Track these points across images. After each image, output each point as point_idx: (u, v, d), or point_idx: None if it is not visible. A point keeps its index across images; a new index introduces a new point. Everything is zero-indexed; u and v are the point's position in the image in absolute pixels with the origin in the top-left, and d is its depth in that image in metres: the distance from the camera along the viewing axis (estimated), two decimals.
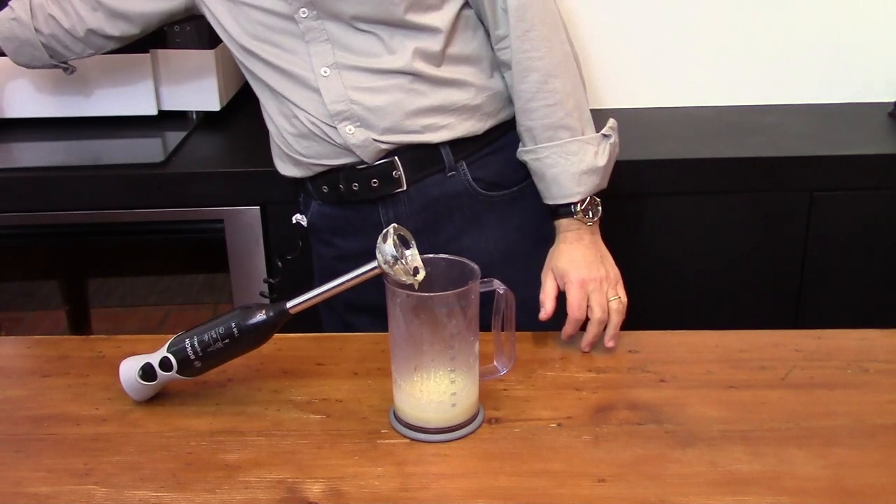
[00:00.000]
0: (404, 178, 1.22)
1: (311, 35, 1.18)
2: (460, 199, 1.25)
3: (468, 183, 1.24)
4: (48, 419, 0.97)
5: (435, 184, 1.24)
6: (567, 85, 1.19)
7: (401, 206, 1.24)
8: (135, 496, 0.85)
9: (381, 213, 1.25)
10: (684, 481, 0.87)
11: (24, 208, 1.58)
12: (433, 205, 1.24)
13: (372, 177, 1.22)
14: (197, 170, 1.58)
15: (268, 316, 0.93)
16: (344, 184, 1.24)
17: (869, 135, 1.79)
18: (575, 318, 1.10)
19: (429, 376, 0.92)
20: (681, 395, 1.01)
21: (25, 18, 1.42)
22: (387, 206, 1.24)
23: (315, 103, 1.19)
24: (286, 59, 1.20)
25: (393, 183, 1.22)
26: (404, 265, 0.88)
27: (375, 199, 1.24)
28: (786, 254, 1.70)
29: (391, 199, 1.24)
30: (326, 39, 1.18)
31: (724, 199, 1.67)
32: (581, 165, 1.17)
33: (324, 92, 1.18)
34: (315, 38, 1.18)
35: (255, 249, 1.62)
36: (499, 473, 0.88)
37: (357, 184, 1.23)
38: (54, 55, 1.47)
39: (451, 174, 1.24)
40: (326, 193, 1.27)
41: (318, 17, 1.16)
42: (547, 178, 1.19)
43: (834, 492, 0.86)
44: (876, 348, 1.10)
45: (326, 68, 1.18)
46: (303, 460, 0.90)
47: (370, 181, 1.22)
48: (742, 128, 1.82)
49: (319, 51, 1.18)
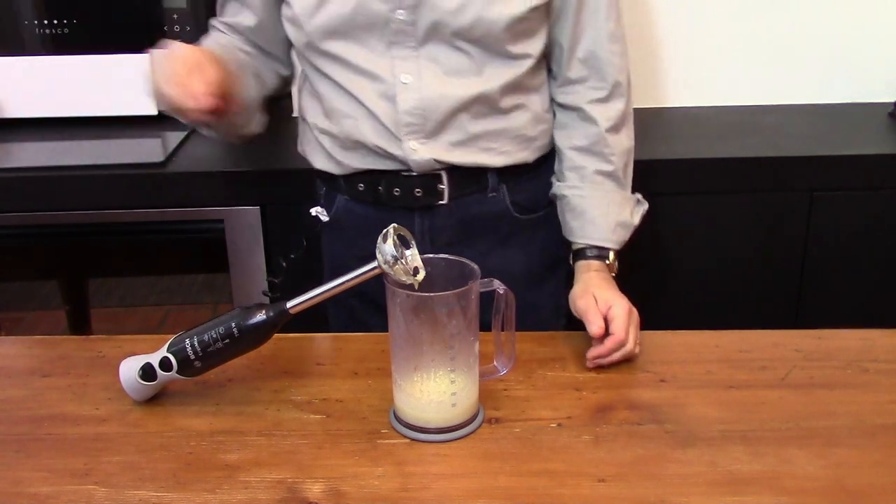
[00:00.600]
0: (447, 192, 1.22)
1: (400, 38, 1.15)
2: (495, 220, 1.26)
3: (506, 205, 1.26)
4: (48, 419, 0.97)
5: (475, 202, 1.24)
6: (625, 142, 1.25)
7: (438, 218, 1.24)
8: (135, 496, 0.85)
9: (417, 220, 1.24)
10: (684, 481, 0.87)
11: (24, 208, 1.58)
12: (470, 221, 1.25)
13: (417, 186, 1.21)
14: (197, 170, 1.58)
15: (268, 316, 0.93)
16: (385, 187, 1.22)
17: (869, 135, 1.79)
18: (619, 342, 1.06)
19: (429, 376, 0.92)
20: (681, 395, 1.01)
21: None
22: (424, 215, 1.24)
23: (387, 110, 1.17)
24: (365, 58, 1.16)
25: (436, 195, 1.22)
26: (404, 265, 0.88)
27: (414, 207, 1.23)
28: (786, 254, 1.70)
29: (430, 210, 1.23)
30: (414, 46, 1.15)
31: (724, 199, 1.67)
32: (620, 217, 1.22)
33: (400, 100, 1.16)
34: (402, 43, 1.15)
35: (255, 249, 1.62)
36: (499, 473, 0.88)
37: (399, 189, 1.22)
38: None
39: (492, 195, 1.25)
40: (362, 192, 1.25)
41: (415, 22, 1.13)
42: (585, 217, 1.21)
43: (834, 492, 0.86)
44: (876, 348, 1.10)
45: (408, 75, 1.16)
46: (303, 460, 0.90)
47: (414, 189, 1.22)
48: (742, 128, 1.82)
49: (404, 56, 1.15)
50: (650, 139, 1.73)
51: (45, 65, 1.70)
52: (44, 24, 1.68)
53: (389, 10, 1.13)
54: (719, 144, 1.73)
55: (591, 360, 1.06)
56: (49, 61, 1.70)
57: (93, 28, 1.68)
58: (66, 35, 1.68)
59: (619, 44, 1.24)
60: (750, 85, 1.94)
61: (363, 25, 1.14)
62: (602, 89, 1.23)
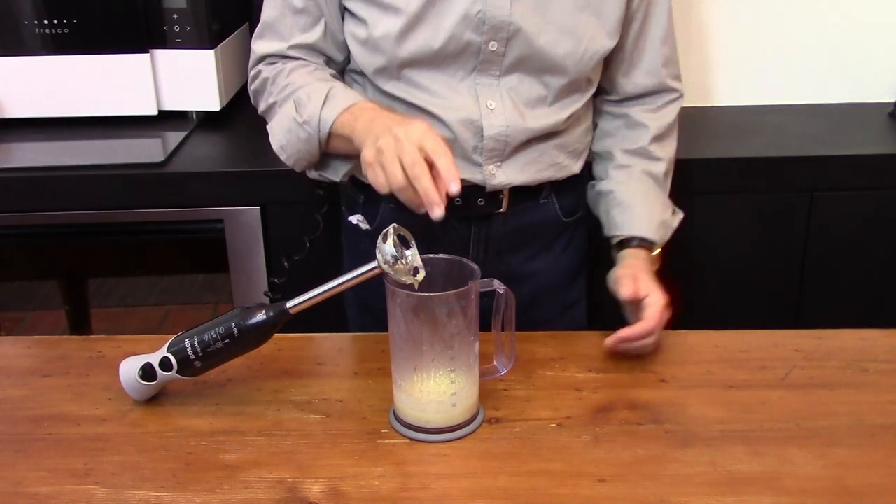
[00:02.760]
0: (506, 201, 1.22)
1: (486, 67, 1.14)
2: (544, 225, 1.28)
3: (555, 210, 1.27)
4: (48, 419, 0.97)
5: (528, 209, 1.25)
6: (670, 150, 1.29)
7: (494, 226, 1.24)
8: (135, 496, 0.85)
9: (473, 229, 1.24)
10: (684, 481, 0.87)
11: (24, 208, 1.58)
12: (523, 229, 1.26)
13: (480, 197, 1.21)
14: (197, 170, 1.58)
15: (268, 316, 0.93)
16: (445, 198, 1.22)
17: (869, 135, 1.79)
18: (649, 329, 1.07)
19: (429, 376, 0.92)
20: (681, 395, 1.01)
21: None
22: (481, 224, 1.24)
23: (470, 135, 1.16)
24: (446, 83, 1.15)
25: (496, 204, 1.22)
26: (404, 265, 0.88)
27: (472, 217, 1.23)
28: (786, 254, 1.70)
29: (487, 218, 1.23)
30: (497, 76, 1.15)
31: (724, 199, 1.67)
32: (663, 216, 1.24)
33: (486, 126, 1.15)
34: (487, 71, 1.14)
35: (255, 249, 1.62)
36: (499, 473, 0.88)
37: (460, 199, 1.19)
38: None
39: (543, 202, 1.26)
40: None
41: (505, 53, 1.13)
42: (633, 212, 1.22)
43: (834, 492, 0.86)
44: (876, 348, 1.10)
45: (493, 101, 1.15)
46: (303, 460, 0.90)
47: (477, 199, 1.21)
48: (742, 128, 1.82)
49: (487, 83, 1.15)
50: None
51: (45, 65, 1.70)
52: (44, 24, 1.68)
53: (483, 41, 1.12)
54: (719, 144, 1.73)
55: (614, 341, 1.07)
56: (49, 61, 1.70)
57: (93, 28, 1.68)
58: (66, 35, 1.68)
59: (675, 58, 1.28)
60: (750, 85, 1.94)
61: (451, 54, 1.13)
62: (657, 102, 1.27)
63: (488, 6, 1.09)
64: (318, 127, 1.11)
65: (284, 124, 1.14)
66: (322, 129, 1.10)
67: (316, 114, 1.10)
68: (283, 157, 1.16)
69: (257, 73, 1.21)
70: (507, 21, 1.11)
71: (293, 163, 1.17)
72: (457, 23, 1.10)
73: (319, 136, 1.11)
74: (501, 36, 1.12)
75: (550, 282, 1.31)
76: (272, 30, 1.18)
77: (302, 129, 1.12)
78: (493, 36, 1.11)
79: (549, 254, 1.30)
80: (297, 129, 1.12)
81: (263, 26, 1.19)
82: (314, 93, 1.12)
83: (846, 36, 1.91)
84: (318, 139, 1.11)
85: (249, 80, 1.23)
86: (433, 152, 0.95)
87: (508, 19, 1.10)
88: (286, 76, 1.17)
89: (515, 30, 1.11)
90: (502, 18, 1.10)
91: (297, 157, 1.15)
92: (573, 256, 1.34)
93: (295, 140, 1.13)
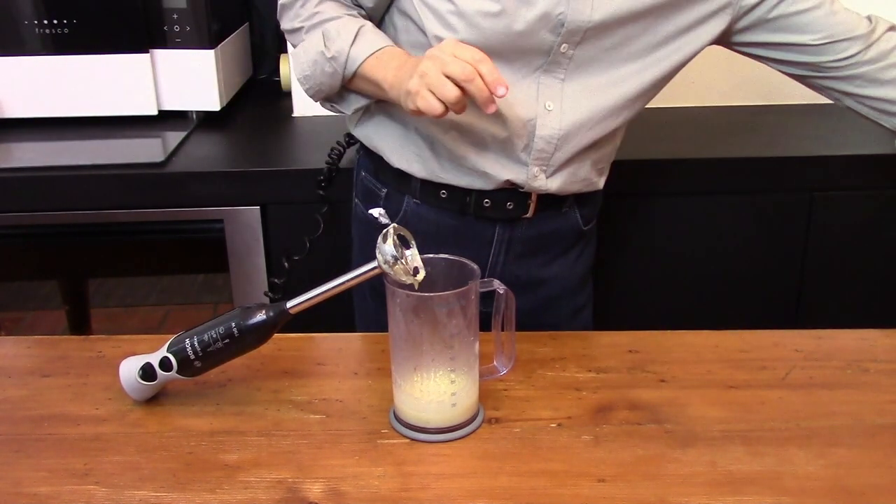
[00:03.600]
0: (533, 206, 1.23)
1: (552, 68, 1.13)
2: (564, 232, 1.28)
3: (577, 219, 1.28)
4: (48, 419, 0.97)
5: (553, 216, 1.25)
6: None
7: (517, 230, 1.24)
8: (135, 496, 0.85)
9: (498, 231, 1.24)
10: (684, 481, 0.87)
11: (24, 208, 1.58)
12: (546, 234, 1.26)
13: (509, 200, 1.21)
14: (197, 170, 1.58)
15: (268, 316, 0.93)
16: (475, 197, 1.21)
17: (869, 135, 1.79)
18: None
19: (429, 376, 0.92)
20: (681, 395, 1.01)
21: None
22: (505, 226, 1.24)
23: (523, 133, 1.15)
24: (509, 79, 1.10)
25: (524, 208, 1.22)
26: (404, 265, 0.88)
27: (497, 219, 1.23)
28: (786, 254, 1.70)
29: (512, 222, 1.24)
30: (563, 78, 1.14)
31: (724, 199, 1.67)
32: None
33: (539, 127, 1.15)
34: (552, 72, 1.14)
35: (255, 249, 1.62)
36: (499, 473, 0.88)
37: (490, 200, 1.21)
38: None
39: (566, 210, 1.27)
40: (443, 199, 1.22)
41: (573, 56, 1.12)
42: None
43: (834, 492, 0.86)
44: (876, 348, 1.10)
45: (552, 103, 1.15)
46: (303, 460, 0.90)
47: (506, 203, 1.21)
48: (742, 128, 1.82)
49: (549, 83, 1.14)
50: (650, 139, 1.73)
51: (45, 65, 1.70)
52: (44, 24, 1.68)
53: (556, 42, 1.11)
54: (719, 144, 1.73)
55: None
56: (49, 61, 1.70)
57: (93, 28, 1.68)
58: (66, 35, 1.68)
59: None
60: (750, 85, 1.94)
61: (523, 49, 1.12)
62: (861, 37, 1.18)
63: (570, 10, 1.09)
64: (344, 64, 1.12)
65: (311, 55, 1.15)
66: (349, 67, 1.12)
67: (344, 51, 1.11)
68: (305, 87, 1.18)
69: None
70: (586, 26, 1.10)
71: (313, 93, 1.18)
72: (538, 18, 1.09)
73: (344, 73, 1.12)
74: (575, 40, 1.11)
75: (564, 287, 1.32)
76: None
77: (329, 63, 1.13)
78: (568, 39, 1.11)
79: (564, 260, 1.30)
80: (324, 63, 1.13)
81: None
82: (343, 28, 1.12)
83: None
84: (343, 75, 1.13)
85: None
86: (473, 60, 0.98)
87: (587, 25, 1.10)
88: (317, 3, 1.17)
89: (590, 34, 1.11)
90: (581, 23, 1.10)
91: (318, 89, 1.17)
92: (586, 263, 1.35)
93: (319, 73, 1.14)
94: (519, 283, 1.04)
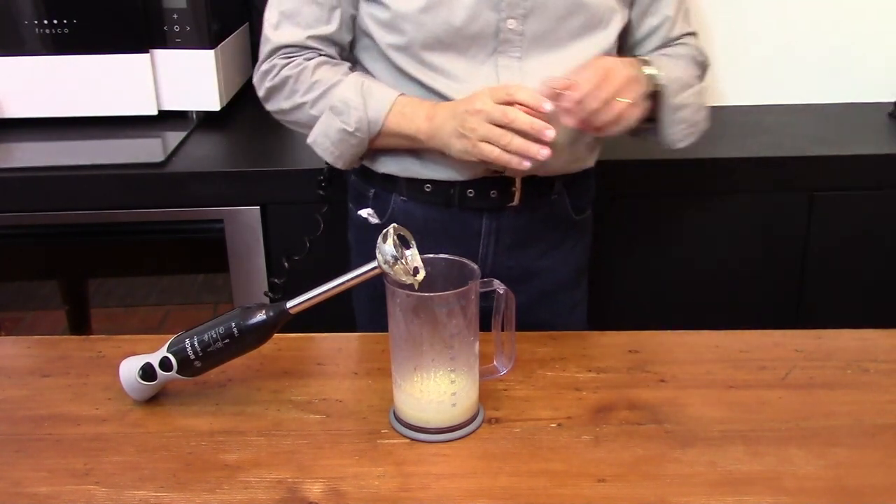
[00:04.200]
0: (518, 194, 1.22)
1: (506, 48, 1.14)
2: (556, 221, 1.27)
3: (566, 207, 1.27)
4: (48, 419, 0.97)
5: (541, 204, 1.25)
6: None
7: (504, 219, 1.24)
8: (135, 496, 0.85)
9: (485, 222, 1.24)
10: (684, 481, 0.87)
11: (24, 208, 1.58)
12: (535, 223, 1.26)
13: (492, 188, 1.21)
14: (197, 170, 1.58)
15: (268, 316, 0.93)
16: (459, 188, 1.21)
17: (869, 135, 1.79)
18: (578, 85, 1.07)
19: (429, 376, 0.92)
20: (681, 395, 1.01)
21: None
22: (492, 216, 1.23)
23: None
24: (465, 68, 1.15)
25: (509, 196, 1.22)
26: (404, 265, 0.88)
27: (484, 209, 1.23)
28: (786, 254, 1.70)
29: (499, 211, 1.23)
30: (519, 56, 1.14)
31: (724, 199, 1.67)
32: (683, 76, 1.21)
33: None
34: (507, 52, 1.14)
35: (255, 249, 1.62)
36: (499, 473, 0.88)
37: (474, 191, 1.21)
38: None
39: (555, 197, 1.26)
40: (428, 193, 1.22)
41: (523, 32, 1.13)
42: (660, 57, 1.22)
43: (834, 492, 0.86)
44: (876, 348, 1.10)
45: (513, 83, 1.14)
46: (303, 460, 0.90)
47: (489, 191, 1.21)
48: (742, 128, 1.82)
49: (507, 65, 1.15)
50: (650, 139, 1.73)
51: (45, 65, 1.70)
52: (44, 24, 1.68)
53: (500, 19, 1.12)
54: (719, 144, 1.73)
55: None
56: (49, 61, 1.70)
57: (93, 28, 1.68)
58: (66, 35, 1.68)
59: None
60: (750, 85, 1.94)
61: (471, 35, 1.13)
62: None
63: None
64: (367, 129, 1.15)
65: (333, 136, 1.17)
66: (372, 129, 1.15)
67: (364, 119, 1.14)
68: (339, 164, 1.21)
69: (272, 66, 1.20)
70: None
71: (347, 166, 1.22)
72: (475, 1, 1.11)
73: (370, 136, 1.16)
74: (518, 12, 1.12)
75: (558, 280, 1.31)
76: (291, 20, 1.19)
77: (353, 136, 1.16)
78: (511, 12, 1.12)
79: (558, 252, 1.30)
80: (349, 138, 1.16)
81: (281, 16, 1.19)
82: (350, 95, 1.15)
83: (846, 36, 1.91)
84: (369, 139, 1.17)
85: (261, 74, 1.22)
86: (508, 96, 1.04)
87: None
88: (311, 74, 1.17)
89: (531, 6, 1.12)
90: None
91: (351, 160, 1.21)
92: (580, 257, 1.34)
93: (347, 148, 1.18)
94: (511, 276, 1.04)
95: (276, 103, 1.22)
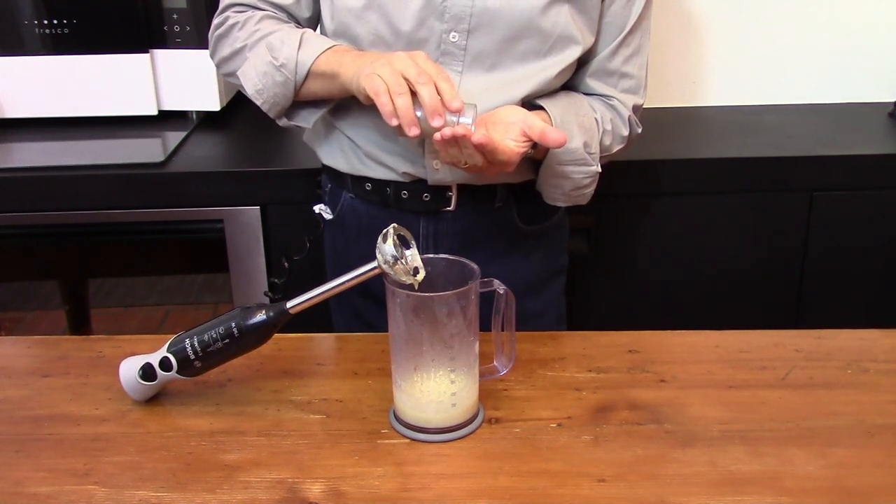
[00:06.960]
0: (455, 200, 1.22)
1: (447, 60, 1.13)
2: (499, 229, 1.26)
3: (513, 216, 1.26)
4: (48, 419, 0.97)
5: (481, 211, 1.24)
6: (624, 131, 1.23)
7: (443, 224, 1.23)
8: (135, 496, 0.85)
9: (422, 224, 1.23)
10: (684, 481, 0.87)
11: (24, 208, 1.58)
12: (474, 229, 1.24)
13: (425, 191, 1.21)
14: (197, 170, 1.58)
15: (268, 316, 0.93)
16: (394, 189, 1.21)
17: (869, 135, 1.79)
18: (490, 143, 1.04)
19: (429, 376, 0.92)
20: (681, 395, 1.01)
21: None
22: (429, 220, 1.23)
23: None
24: None
25: (444, 201, 1.22)
26: (404, 265, 0.88)
27: (420, 212, 1.23)
28: (786, 254, 1.70)
29: (436, 215, 1.23)
30: (459, 70, 1.14)
31: (724, 199, 1.67)
32: (577, 118, 1.17)
33: None
34: (447, 65, 1.13)
35: (255, 249, 1.62)
36: (499, 473, 0.88)
37: (408, 193, 1.21)
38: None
39: (499, 206, 1.24)
40: (369, 192, 1.24)
41: (465, 47, 1.12)
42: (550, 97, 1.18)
43: (834, 492, 0.86)
44: (876, 348, 1.10)
45: None
46: (303, 460, 0.90)
47: (422, 194, 1.21)
48: (742, 128, 1.82)
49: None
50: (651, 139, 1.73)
51: (45, 65, 1.70)
52: (44, 24, 1.68)
53: (444, 30, 1.12)
54: (719, 144, 1.74)
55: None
56: (49, 61, 1.70)
57: (93, 28, 1.68)
58: (66, 35, 1.68)
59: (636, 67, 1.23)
60: (750, 85, 1.94)
61: (417, 41, 1.12)
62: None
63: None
64: (294, 69, 1.13)
65: (260, 68, 1.15)
66: (299, 70, 1.12)
67: (293, 56, 1.12)
68: (259, 101, 1.18)
69: (224, 18, 1.21)
70: (469, 11, 1.11)
71: (268, 108, 1.18)
72: (421, 7, 1.11)
73: (296, 79, 1.13)
74: (462, 27, 1.11)
75: None
76: None
77: (279, 71, 1.13)
78: (455, 26, 1.11)
79: (505, 260, 1.27)
80: (274, 73, 1.14)
81: None
82: (287, 37, 1.14)
83: (846, 36, 1.91)
84: (295, 82, 1.13)
85: (213, 28, 1.23)
86: (436, 74, 1.00)
87: (470, 10, 1.11)
88: (255, 22, 1.18)
89: (477, 22, 1.11)
90: (464, 6, 1.10)
91: (273, 102, 1.17)
92: (536, 268, 1.31)
93: (271, 83, 1.15)
94: None
95: (220, 52, 1.22)
